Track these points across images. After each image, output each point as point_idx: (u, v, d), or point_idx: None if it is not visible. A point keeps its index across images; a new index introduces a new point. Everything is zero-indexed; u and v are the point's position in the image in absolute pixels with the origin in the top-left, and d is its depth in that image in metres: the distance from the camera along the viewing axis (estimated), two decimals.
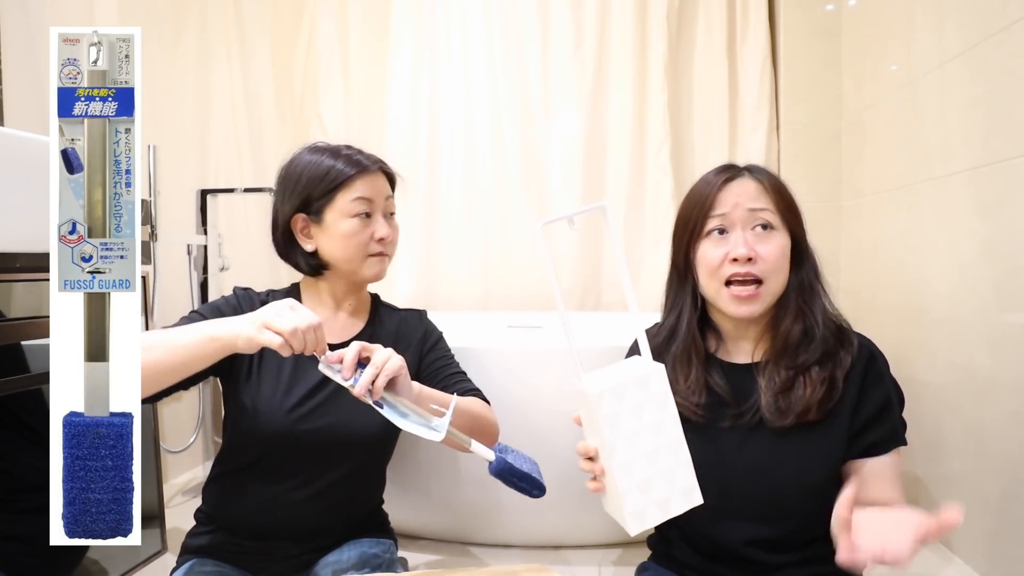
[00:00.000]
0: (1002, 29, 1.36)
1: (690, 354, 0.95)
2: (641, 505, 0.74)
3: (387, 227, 1.10)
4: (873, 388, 0.89)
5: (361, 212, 1.07)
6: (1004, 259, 1.36)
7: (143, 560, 1.46)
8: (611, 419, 0.73)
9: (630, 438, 0.73)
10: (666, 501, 0.75)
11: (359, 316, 1.16)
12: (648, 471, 0.74)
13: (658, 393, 0.75)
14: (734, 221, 0.90)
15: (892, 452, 0.89)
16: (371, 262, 1.09)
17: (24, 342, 1.20)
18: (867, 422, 0.88)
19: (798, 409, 0.86)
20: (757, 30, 2.32)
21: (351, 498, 1.11)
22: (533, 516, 1.56)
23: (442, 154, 2.52)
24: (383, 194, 1.10)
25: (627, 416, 0.73)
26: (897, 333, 1.80)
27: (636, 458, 0.73)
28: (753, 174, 0.93)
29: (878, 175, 1.97)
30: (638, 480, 0.74)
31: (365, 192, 1.07)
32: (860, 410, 0.88)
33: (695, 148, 2.43)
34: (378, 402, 0.87)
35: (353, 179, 1.06)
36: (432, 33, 2.52)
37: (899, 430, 0.91)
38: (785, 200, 0.92)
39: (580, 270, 2.44)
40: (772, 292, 0.90)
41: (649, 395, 0.74)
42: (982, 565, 1.44)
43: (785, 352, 0.90)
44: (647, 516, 0.74)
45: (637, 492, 0.74)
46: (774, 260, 0.88)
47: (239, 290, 1.13)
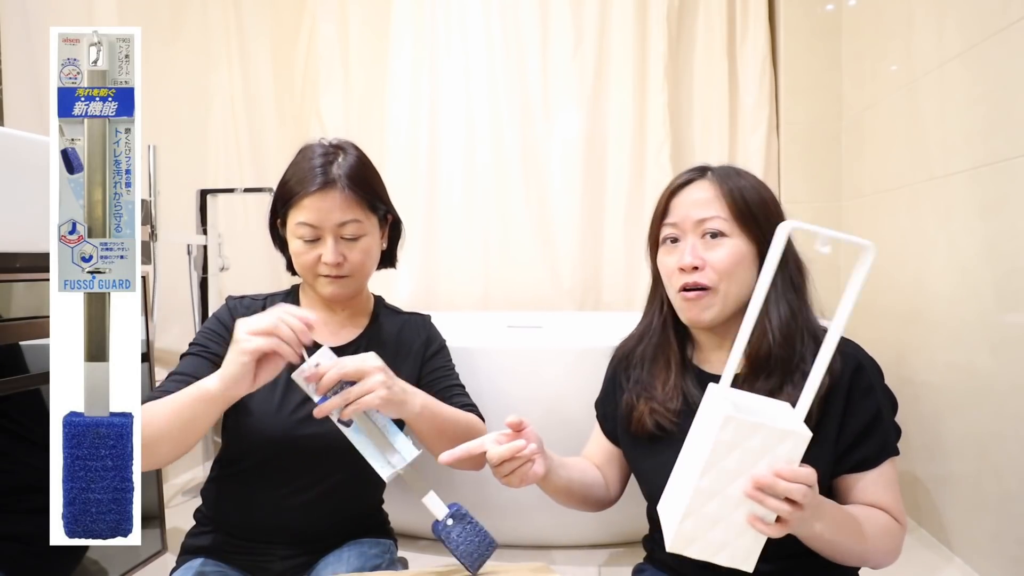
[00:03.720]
0: (1002, 29, 1.36)
1: (668, 357, 0.94)
2: (694, 533, 0.70)
3: (334, 252, 1.01)
4: (861, 401, 0.85)
5: (304, 236, 1.02)
6: (1004, 259, 1.36)
7: (143, 560, 1.45)
8: (722, 446, 0.67)
9: (731, 474, 0.68)
10: (718, 547, 0.70)
11: (359, 319, 1.15)
12: (722, 513, 0.69)
13: (785, 454, 0.68)
14: (685, 230, 0.89)
15: (883, 467, 0.85)
16: (322, 282, 1.04)
17: (24, 342, 1.20)
18: (856, 438, 0.85)
19: None
20: (757, 30, 2.32)
21: (350, 501, 1.10)
22: (533, 516, 1.56)
23: (442, 154, 2.52)
24: (334, 218, 1.00)
25: (739, 454, 0.68)
26: (897, 333, 1.80)
27: (720, 494, 0.69)
28: (715, 177, 0.90)
29: (878, 175, 1.97)
30: (708, 513, 0.69)
31: (309, 217, 1.00)
32: (847, 425, 0.84)
33: (695, 148, 2.43)
34: (344, 421, 0.85)
35: (300, 199, 1.00)
36: (432, 33, 2.52)
37: (890, 441, 0.86)
38: (742, 207, 0.87)
39: (580, 270, 2.45)
40: (723, 299, 0.86)
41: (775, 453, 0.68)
42: (982, 565, 1.44)
43: (756, 373, 0.87)
44: (692, 547, 0.71)
45: (699, 520, 0.70)
46: (724, 267, 0.86)
47: (233, 300, 1.10)
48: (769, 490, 0.66)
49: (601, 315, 2.34)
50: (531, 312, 2.35)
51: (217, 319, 1.07)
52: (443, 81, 2.52)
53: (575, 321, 2.33)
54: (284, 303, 0.90)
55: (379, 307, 1.19)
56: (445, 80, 2.52)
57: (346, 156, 1.05)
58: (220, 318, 1.07)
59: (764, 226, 0.87)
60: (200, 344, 1.04)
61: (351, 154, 1.06)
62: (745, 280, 0.87)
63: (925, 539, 1.64)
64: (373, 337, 1.14)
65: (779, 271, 0.87)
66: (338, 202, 1.00)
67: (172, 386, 0.96)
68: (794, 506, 0.67)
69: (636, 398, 0.94)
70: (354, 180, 1.02)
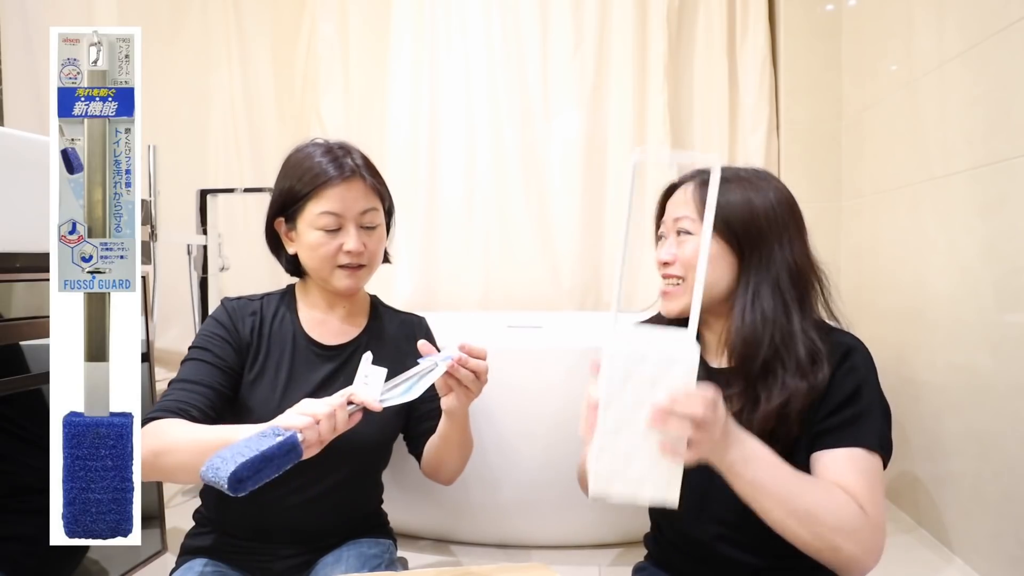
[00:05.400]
0: (1002, 29, 1.36)
1: None
2: (610, 472, 0.70)
3: (357, 240, 1.04)
4: (842, 379, 0.85)
5: (327, 226, 1.03)
6: (1004, 259, 1.36)
7: (143, 560, 1.45)
8: (617, 377, 0.68)
9: (630, 406, 0.68)
10: (638, 482, 0.70)
11: (357, 318, 1.15)
12: (634, 445, 0.69)
13: (680, 375, 0.69)
14: (668, 230, 0.97)
15: (859, 449, 0.82)
16: (339, 274, 1.05)
17: (24, 342, 1.20)
18: (829, 412, 0.84)
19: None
20: (757, 30, 2.32)
21: (349, 501, 1.11)
22: (533, 516, 1.56)
23: (442, 154, 2.52)
24: (358, 207, 1.04)
25: (634, 385, 0.68)
26: (897, 333, 1.80)
27: (627, 426, 0.69)
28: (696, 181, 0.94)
29: (878, 175, 1.97)
30: (620, 448, 0.69)
31: (333, 206, 1.02)
32: (825, 404, 0.84)
33: (695, 148, 2.43)
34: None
35: (323, 188, 1.02)
36: (432, 33, 2.52)
37: (868, 430, 0.83)
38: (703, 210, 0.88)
39: (580, 270, 2.45)
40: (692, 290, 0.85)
41: (669, 372, 0.68)
42: (982, 565, 1.44)
43: (738, 372, 0.88)
44: (612, 486, 0.70)
45: (612, 458, 0.69)
46: (689, 261, 0.91)
47: (230, 302, 1.10)
48: (669, 413, 0.66)
49: (601, 315, 2.34)
50: (531, 312, 2.35)
51: (215, 320, 1.07)
52: (443, 81, 2.52)
53: (575, 321, 2.33)
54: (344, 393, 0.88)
55: (376, 306, 1.20)
56: (445, 80, 2.52)
57: (353, 151, 1.09)
58: (218, 319, 1.07)
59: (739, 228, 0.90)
60: (200, 347, 1.03)
61: (357, 150, 1.10)
62: (712, 276, 0.89)
63: (925, 539, 1.64)
64: (374, 335, 1.14)
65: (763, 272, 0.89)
66: (361, 191, 1.05)
67: (177, 394, 0.96)
68: (700, 428, 0.67)
69: None
70: (371, 171, 1.08)
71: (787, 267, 0.90)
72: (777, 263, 0.90)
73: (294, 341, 1.08)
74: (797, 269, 0.91)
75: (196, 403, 0.96)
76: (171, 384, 0.99)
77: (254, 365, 1.05)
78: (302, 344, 1.08)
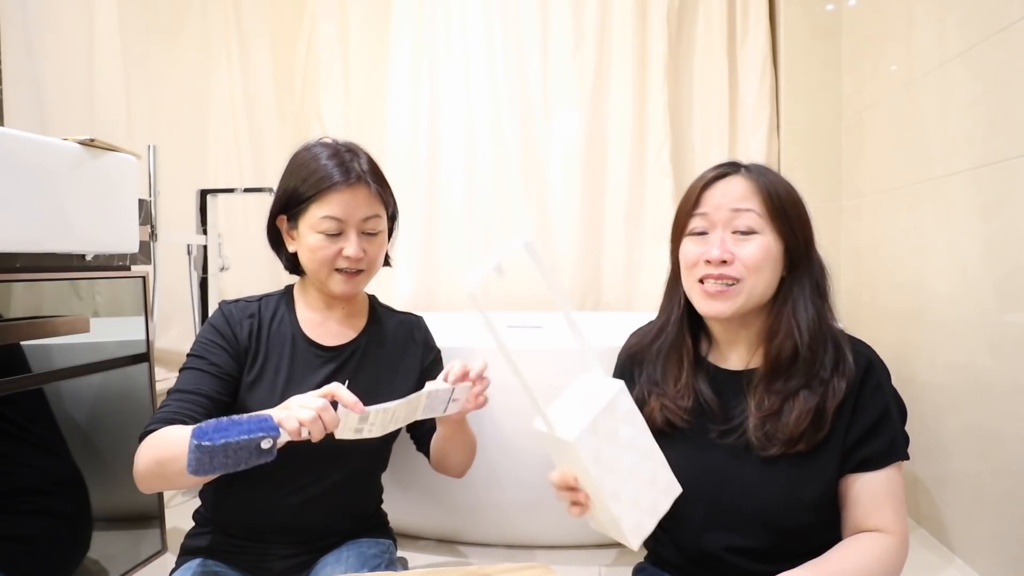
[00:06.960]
0: (1002, 29, 1.36)
1: (680, 354, 0.94)
2: (636, 520, 0.76)
3: (357, 246, 1.03)
4: (870, 398, 0.84)
5: (328, 230, 1.02)
6: (1004, 259, 1.36)
7: (143, 560, 1.45)
8: (593, 456, 0.73)
9: (612, 464, 0.74)
10: (654, 506, 0.78)
11: (356, 319, 1.15)
12: (634, 487, 0.76)
13: (625, 411, 0.76)
14: (715, 222, 0.88)
15: (890, 467, 0.84)
16: (337, 278, 1.05)
17: (24, 342, 1.20)
18: (863, 434, 0.84)
19: (784, 438, 0.83)
20: (757, 30, 2.32)
21: (348, 502, 1.11)
22: (533, 516, 1.55)
23: (442, 154, 2.52)
24: (361, 213, 1.04)
25: (605, 446, 0.74)
26: (897, 333, 1.80)
27: (621, 480, 0.75)
28: (749, 173, 0.89)
29: (878, 175, 1.97)
30: (628, 499, 0.75)
31: (336, 211, 1.01)
32: (855, 422, 0.84)
33: (695, 148, 2.43)
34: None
35: (327, 192, 1.01)
36: (432, 33, 2.52)
37: (898, 442, 0.85)
38: (777, 204, 0.87)
39: (580, 270, 2.44)
40: (748, 293, 0.86)
41: (617, 417, 0.75)
42: (982, 565, 1.44)
43: (776, 372, 0.87)
44: (643, 527, 0.77)
45: (630, 510, 0.75)
46: (754, 263, 0.85)
47: (227, 305, 1.09)
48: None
49: (601, 315, 2.34)
50: (531, 312, 2.35)
51: (212, 327, 1.06)
52: (443, 81, 2.52)
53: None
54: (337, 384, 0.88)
55: (375, 307, 1.20)
56: (445, 80, 2.52)
57: (361, 155, 1.08)
58: (215, 325, 1.06)
59: (795, 226, 0.88)
60: (197, 356, 1.03)
61: (364, 154, 1.09)
62: (769, 278, 0.87)
63: (925, 539, 1.64)
64: (373, 336, 1.14)
65: (805, 274, 0.89)
66: (365, 197, 1.04)
67: (174, 405, 0.96)
68: None
69: (648, 394, 0.94)
70: (376, 177, 1.07)
71: (819, 267, 0.91)
72: (815, 263, 0.90)
73: (293, 342, 1.08)
74: (821, 267, 0.91)
75: (193, 413, 0.96)
76: (169, 394, 0.99)
77: (253, 367, 1.05)
78: (301, 345, 1.08)
